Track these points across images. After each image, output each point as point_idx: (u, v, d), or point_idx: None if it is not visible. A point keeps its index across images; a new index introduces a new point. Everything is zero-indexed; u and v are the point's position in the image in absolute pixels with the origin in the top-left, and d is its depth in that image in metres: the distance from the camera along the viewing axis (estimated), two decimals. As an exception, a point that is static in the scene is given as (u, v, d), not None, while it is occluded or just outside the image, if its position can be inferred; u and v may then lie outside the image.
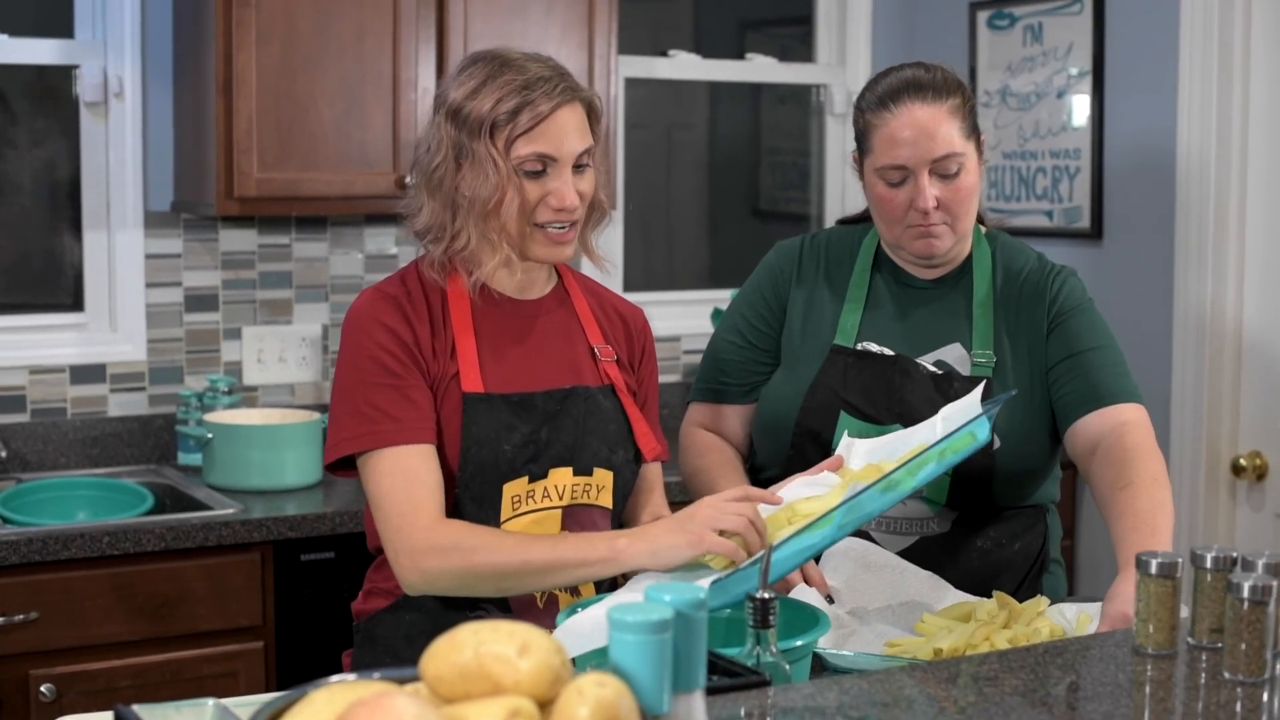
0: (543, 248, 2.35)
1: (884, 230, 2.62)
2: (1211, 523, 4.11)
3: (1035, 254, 2.72)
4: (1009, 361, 2.61)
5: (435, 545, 2.23)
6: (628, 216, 4.74)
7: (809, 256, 2.72)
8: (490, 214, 2.30)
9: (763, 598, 1.90)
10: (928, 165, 2.51)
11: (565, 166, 2.32)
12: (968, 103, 2.57)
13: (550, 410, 2.34)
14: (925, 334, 2.62)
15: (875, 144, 2.56)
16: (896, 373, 2.57)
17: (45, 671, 3.31)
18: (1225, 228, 4.06)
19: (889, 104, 2.54)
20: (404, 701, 1.39)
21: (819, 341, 2.63)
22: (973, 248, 2.68)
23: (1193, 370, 4.12)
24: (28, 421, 3.96)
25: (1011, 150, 4.65)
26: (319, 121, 3.82)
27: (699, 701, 1.65)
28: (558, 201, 2.32)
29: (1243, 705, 1.86)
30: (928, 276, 2.66)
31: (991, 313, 2.63)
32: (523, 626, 1.50)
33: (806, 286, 2.69)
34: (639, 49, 4.73)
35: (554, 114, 2.30)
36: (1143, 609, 2.05)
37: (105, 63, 4.01)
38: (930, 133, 2.51)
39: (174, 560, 3.43)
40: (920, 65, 2.59)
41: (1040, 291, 2.65)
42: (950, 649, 2.23)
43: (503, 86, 2.29)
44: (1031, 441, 2.59)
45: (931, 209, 2.52)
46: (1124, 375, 2.59)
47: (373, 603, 2.42)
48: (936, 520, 2.57)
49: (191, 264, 4.12)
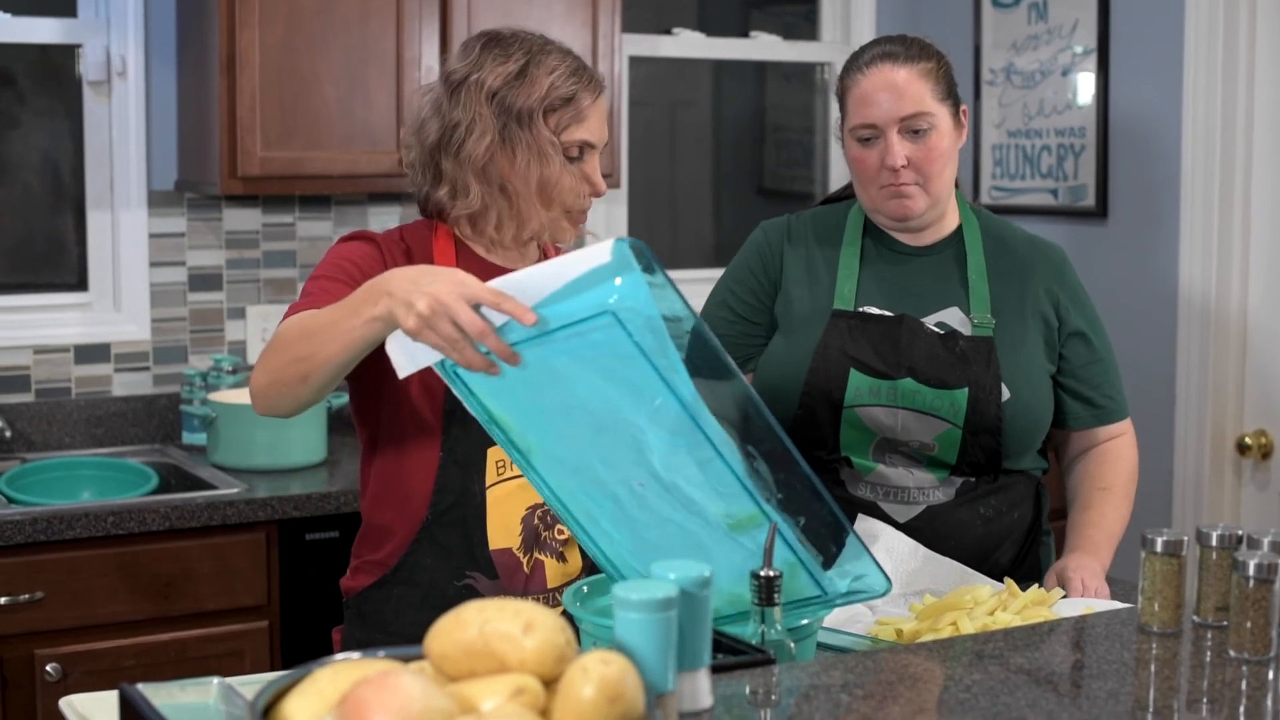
0: (565, 232, 2.42)
1: (861, 194, 2.66)
2: (1216, 502, 4.11)
3: (1019, 228, 2.80)
4: (1012, 323, 2.65)
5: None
6: (631, 195, 4.73)
7: (798, 231, 2.75)
8: (544, 196, 2.36)
9: (768, 575, 1.90)
10: (896, 123, 2.56)
11: (597, 154, 2.41)
12: (942, 68, 2.63)
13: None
14: (922, 298, 2.65)
15: (850, 105, 2.62)
16: (904, 331, 2.60)
17: (50, 651, 3.32)
18: (1230, 206, 4.06)
19: (864, 68, 2.61)
20: (409, 679, 1.39)
21: (818, 306, 2.65)
22: (961, 218, 2.72)
23: (1197, 349, 4.12)
24: (32, 401, 3.96)
25: (1016, 129, 4.64)
26: (323, 100, 3.81)
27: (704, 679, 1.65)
28: (597, 189, 2.40)
29: (1248, 683, 1.86)
30: (917, 243, 2.69)
31: (986, 278, 2.66)
32: (528, 605, 1.50)
33: (799, 258, 2.71)
34: (643, 27, 4.72)
35: (596, 103, 2.38)
36: (1148, 587, 2.05)
37: (108, 41, 4.01)
38: (900, 91, 2.57)
39: (179, 540, 3.43)
40: (901, 37, 2.66)
41: (1040, 263, 2.71)
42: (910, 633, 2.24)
43: (550, 73, 2.35)
44: (1037, 398, 2.64)
45: (900, 167, 2.57)
46: (1119, 386, 2.77)
47: (360, 579, 2.43)
48: (941, 489, 2.60)
49: (195, 243, 4.12)
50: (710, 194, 5.22)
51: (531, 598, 2.36)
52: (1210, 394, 4.10)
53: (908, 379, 2.57)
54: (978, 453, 2.59)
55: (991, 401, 2.57)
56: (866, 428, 2.58)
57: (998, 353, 2.60)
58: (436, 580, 2.35)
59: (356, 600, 2.43)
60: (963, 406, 2.56)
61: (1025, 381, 2.61)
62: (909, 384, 2.57)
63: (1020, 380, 2.61)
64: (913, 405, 2.57)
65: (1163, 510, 4.18)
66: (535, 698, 1.45)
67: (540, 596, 2.38)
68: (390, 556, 2.39)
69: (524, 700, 1.44)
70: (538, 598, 2.37)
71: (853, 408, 2.58)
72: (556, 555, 2.39)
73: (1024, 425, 2.62)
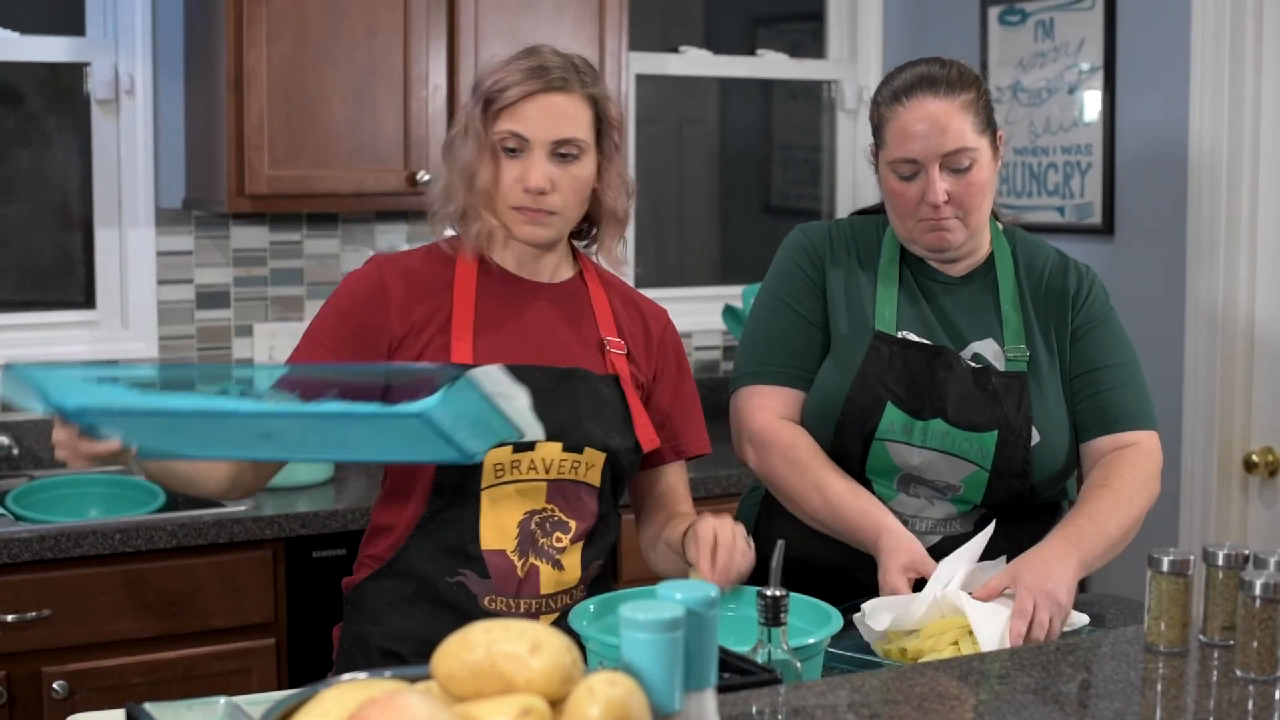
0: (520, 228, 2.43)
1: (897, 224, 2.62)
2: (1223, 520, 4.10)
3: (1053, 249, 2.74)
4: (1041, 356, 2.63)
5: None
6: (639, 213, 4.74)
7: (838, 239, 2.70)
8: (469, 182, 2.41)
9: (774, 595, 1.90)
10: (938, 159, 2.52)
11: (537, 149, 2.39)
12: (982, 98, 2.58)
13: (543, 386, 2.37)
14: (959, 327, 2.63)
15: (888, 137, 2.56)
16: (940, 365, 2.57)
17: (57, 669, 3.32)
18: (1237, 223, 4.05)
19: (902, 98, 2.54)
20: (415, 700, 1.39)
21: (862, 327, 2.62)
22: (993, 245, 2.69)
23: (1204, 366, 4.11)
24: (40, 419, 3.95)
25: (1023, 146, 4.64)
26: (330, 118, 3.82)
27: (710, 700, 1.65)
28: (523, 182, 2.39)
29: (1254, 703, 1.86)
30: (953, 272, 2.66)
31: (1019, 309, 2.64)
32: (534, 625, 1.50)
33: (841, 268, 2.67)
34: (650, 45, 4.73)
35: (540, 96, 2.38)
36: (1154, 606, 2.05)
37: (116, 60, 4.02)
38: (942, 126, 2.51)
39: (186, 557, 3.43)
40: (937, 61, 2.60)
41: (1066, 289, 2.68)
42: (914, 650, 2.24)
43: (507, 65, 2.41)
44: (1065, 437, 2.62)
45: (942, 203, 2.53)
46: (1141, 397, 2.65)
47: (359, 574, 2.50)
48: (960, 521, 2.59)
49: (203, 261, 4.12)
50: (717, 212, 5.23)
51: (524, 602, 2.38)
52: (1217, 412, 4.09)
53: (938, 419, 2.55)
54: (1003, 494, 2.58)
55: (1020, 445, 2.55)
56: (893, 462, 2.57)
57: (1029, 390, 2.58)
58: (429, 575, 2.39)
59: (354, 594, 2.49)
60: (991, 449, 2.54)
61: (1053, 422, 2.59)
62: (939, 425, 2.55)
63: (1049, 422, 2.58)
64: (941, 446, 2.55)
65: (1169, 529, 4.17)
66: (542, 718, 1.45)
67: (534, 601, 2.40)
68: (388, 551, 2.44)
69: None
70: (530, 602, 2.39)
71: (883, 441, 2.56)
72: (553, 562, 2.41)
73: (1052, 469, 2.60)
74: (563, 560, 2.42)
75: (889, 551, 2.43)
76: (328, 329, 2.42)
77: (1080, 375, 2.65)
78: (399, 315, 2.40)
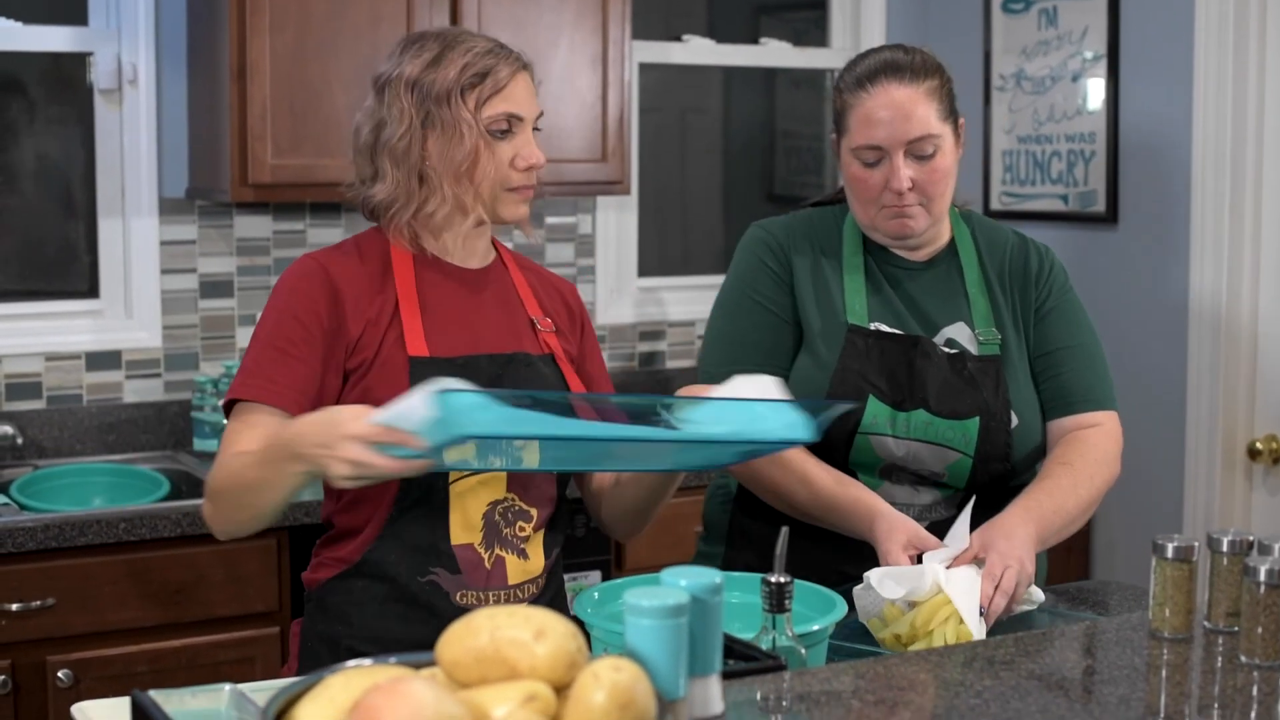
0: (512, 207, 2.42)
1: (859, 211, 2.61)
2: (1228, 507, 4.10)
3: (1010, 230, 2.76)
4: (1011, 338, 2.64)
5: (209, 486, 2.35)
6: (642, 202, 4.73)
7: (799, 232, 2.69)
8: (464, 175, 2.37)
9: (779, 581, 1.90)
10: (903, 146, 2.52)
11: (529, 126, 2.41)
12: (946, 85, 2.58)
13: (494, 374, 2.37)
14: (930, 315, 2.63)
15: (852, 124, 2.56)
16: (918, 355, 2.57)
17: (62, 657, 3.32)
18: (1241, 211, 4.05)
19: (867, 84, 2.54)
20: (421, 686, 1.39)
21: (835, 321, 2.61)
22: (953, 229, 2.70)
23: (1208, 354, 4.11)
24: (43, 408, 3.97)
25: (1026, 134, 4.64)
26: (333, 107, 3.82)
27: (715, 686, 1.65)
28: (525, 160, 2.39)
29: (1259, 689, 1.86)
30: (916, 258, 2.66)
31: (985, 292, 2.65)
32: (539, 611, 1.51)
33: (805, 262, 2.66)
34: (653, 34, 4.72)
35: (515, 77, 2.39)
36: (1159, 593, 2.05)
37: (119, 50, 4.01)
38: (906, 113, 2.51)
39: (190, 546, 3.43)
40: (900, 47, 2.60)
41: (1029, 269, 2.69)
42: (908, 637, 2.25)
43: (465, 54, 2.38)
44: (1039, 417, 2.64)
45: (906, 190, 2.53)
46: (1103, 378, 2.68)
47: (323, 572, 2.45)
48: (944, 505, 2.59)
49: (206, 250, 4.12)
50: (720, 200, 5.23)
51: (493, 593, 2.37)
52: (1221, 399, 4.09)
53: (920, 410, 2.55)
54: (985, 478, 2.58)
55: (1002, 429, 2.56)
56: (877, 454, 2.57)
57: (1004, 373, 2.59)
58: (399, 576, 2.37)
59: (319, 592, 2.44)
60: (974, 436, 2.55)
61: (1028, 404, 2.61)
62: (921, 415, 2.55)
63: (1024, 404, 2.60)
64: (924, 436, 2.55)
65: (1174, 515, 4.17)
66: (547, 704, 1.45)
67: (501, 593, 2.39)
68: (354, 552, 2.40)
69: (535, 707, 1.44)
70: (499, 594, 2.38)
71: (866, 434, 2.56)
72: (518, 552, 2.40)
73: (1031, 449, 2.62)
74: (527, 549, 2.41)
75: (886, 534, 2.43)
76: (291, 337, 2.35)
77: (1042, 356, 2.66)
78: (353, 315, 2.36)
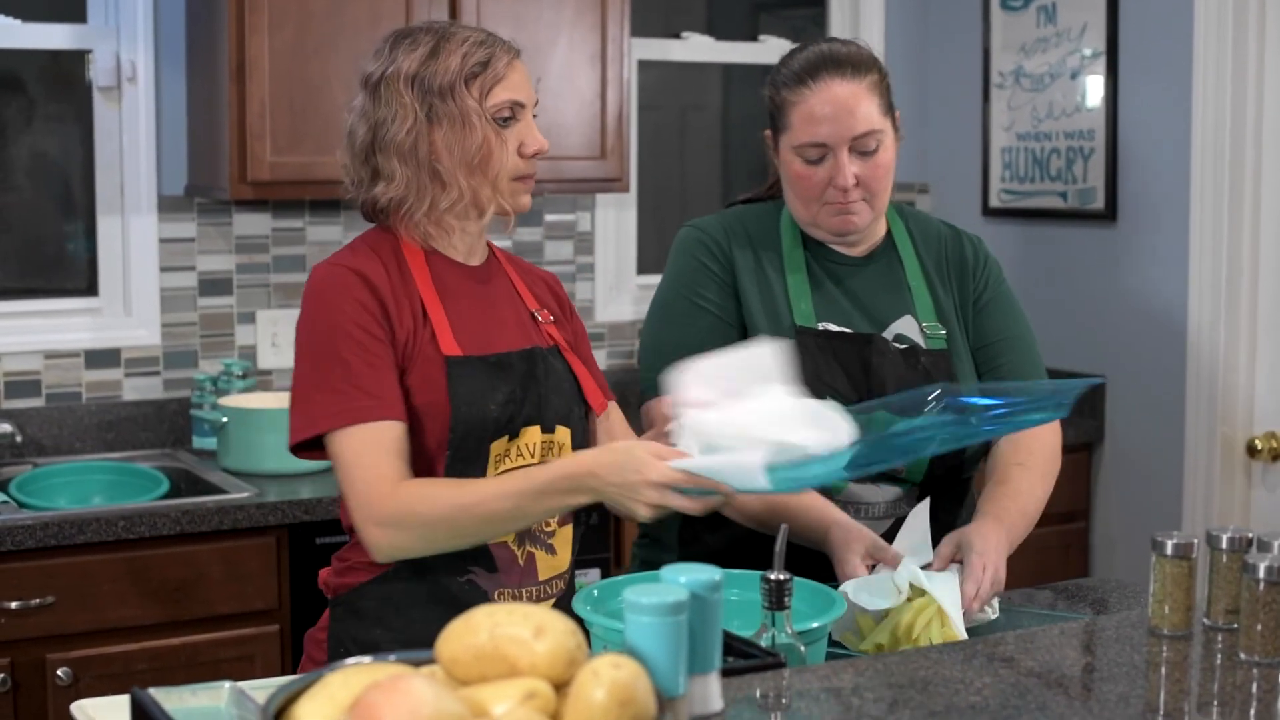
0: (521, 198, 2.40)
1: (799, 209, 2.59)
2: (1227, 504, 4.11)
3: (939, 220, 2.75)
4: (955, 330, 2.63)
5: (394, 513, 2.24)
6: (641, 199, 4.73)
7: (734, 230, 2.65)
8: (478, 167, 2.34)
9: (778, 579, 1.90)
10: (847, 142, 2.50)
11: (529, 113, 2.39)
12: (884, 79, 2.56)
13: (522, 370, 2.37)
14: (874, 309, 2.61)
15: (794, 121, 2.54)
16: (873, 353, 2.55)
17: (62, 655, 3.32)
18: (1239, 208, 4.05)
19: (807, 80, 2.52)
20: (420, 684, 1.39)
21: (781, 322, 2.57)
22: (889, 223, 2.68)
23: (1207, 351, 4.11)
24: (42, 406, 3.97)
25: (1025, 131, 4.64)
26: (332, 105, 3.81)
27: (715, 683, 1.65)
28: (531, 146, 2.37)
29: (1259, 686, 1.86)
30: (855, 253, 2.64)
31: (927, 285, 2.64)
32: (538, 609, 1.51)
33: (747, 262, 2.62)
34: (652, 31, 4.73)
35: (512, 64, 2.37)
36: (1158, 590, 2.05)
37: (118, 47, 4.01)
38: (850, 109, 2.49)
39: (189, 544, 3.43)
40: (836, 40, 2.59)
41: (965, 259, 2.69)
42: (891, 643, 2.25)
43: (462, 44, 2.35)
44: None
45: (851, 186, 2.51)
46: (1038, 368, 2.68)
47: (354, 576, 2.40)
48: (906, 501, 2.58)
49: (205, 248, 4.12)
50: (719, 198, 5.22)
51: (526, 590, 2.37)
52: (1220, 396, 4.10)
53: (881, 412, 2.52)
54: (941, 470, 2.57)
55: None
56: None
57: (954, 365, 2.58)
58: (441, 577, 2.34)
59: (350, 596, 2.40)
60: None
61: None
62: (882, 416, 2.53)
63: None
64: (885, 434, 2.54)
65: (1173, 513, 4.17)
66: (546, 701, 1.45)
67: (534, 589, 2.38)
68: None
69: (535, 704, 1.44)
70: (532, 590, 2.38)
71: None
72: (546, 548, 2.40)
73: None
74: (554, 544, 2.41)
75: (842, 543, 2.40)
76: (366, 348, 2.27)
77: (982, 348, 2.65)
78: (395, 317, 2.33)
